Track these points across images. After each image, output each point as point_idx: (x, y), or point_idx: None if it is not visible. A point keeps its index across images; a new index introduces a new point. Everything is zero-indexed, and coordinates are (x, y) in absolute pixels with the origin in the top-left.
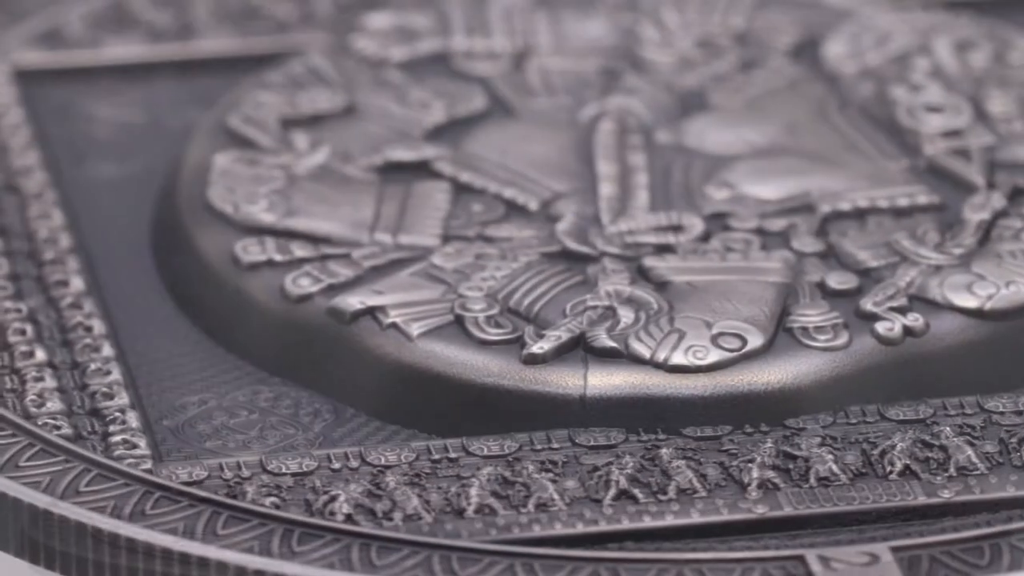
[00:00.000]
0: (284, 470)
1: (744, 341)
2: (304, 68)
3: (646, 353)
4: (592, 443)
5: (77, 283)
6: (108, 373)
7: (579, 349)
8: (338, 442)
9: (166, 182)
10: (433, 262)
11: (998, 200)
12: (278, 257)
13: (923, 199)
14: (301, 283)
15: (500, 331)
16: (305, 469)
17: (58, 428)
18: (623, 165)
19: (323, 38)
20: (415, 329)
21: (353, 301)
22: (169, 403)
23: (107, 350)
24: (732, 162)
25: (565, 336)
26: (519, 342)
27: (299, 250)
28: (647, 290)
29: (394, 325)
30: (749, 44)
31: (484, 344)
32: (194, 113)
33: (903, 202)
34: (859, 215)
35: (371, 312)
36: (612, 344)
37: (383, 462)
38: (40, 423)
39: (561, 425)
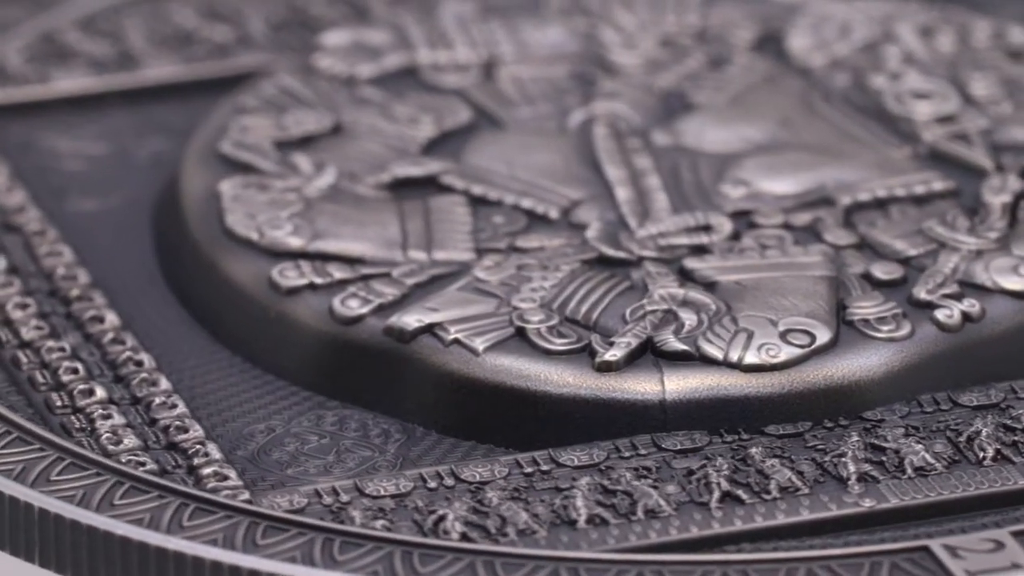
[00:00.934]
0: (383, 492)
1: (812, 337)
2: (277, 89)
3: (718, 354)
4: (679, 447)
5: (112, 318)
6: (174, 407)
7: (648, 354)
8: (419, 461)
9: (166, 212)
10: (477, 276)
11: (1015, 182)
12: (318, 280)
13: (939, 185)
14: (350, 304)
15: (565, 340)
16: (403, 490)
17: (142, 464)
18: (631, 168)
19: (269, 59)
20: (480, 344)
21: (410, 320)
22: (236, 433)
23: (164, 383)
24: (740, 159)
25: (635, 342)
26: (586, 351)
27: (337, 272)
28: (701, 291)
29: (457, 341)
30: (710, 41)
31: (551, 354)
32: (157, 141)
33: (919, 189)
34: (880, 205)
35: (430, 329)
36: (683, 347)
37: (478, 478)
38: (124, 460)
39: (641, 431)
